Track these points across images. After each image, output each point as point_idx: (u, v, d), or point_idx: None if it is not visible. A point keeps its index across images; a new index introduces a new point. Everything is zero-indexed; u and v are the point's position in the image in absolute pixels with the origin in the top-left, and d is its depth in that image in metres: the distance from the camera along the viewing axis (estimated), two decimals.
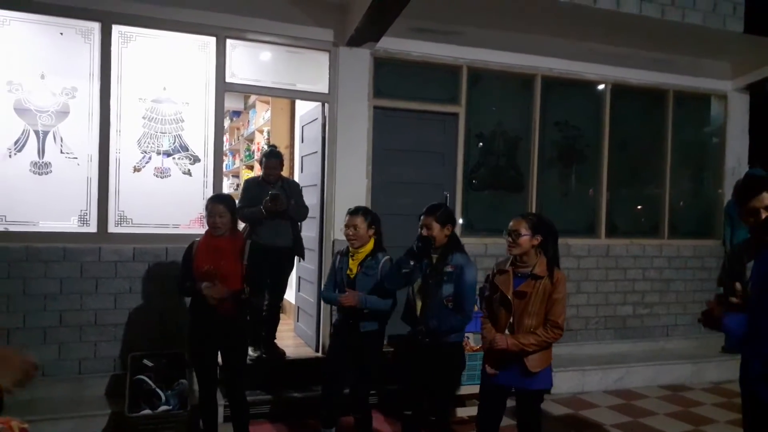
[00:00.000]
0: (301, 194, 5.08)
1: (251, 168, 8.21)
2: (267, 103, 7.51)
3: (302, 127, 6.04)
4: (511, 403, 3.28)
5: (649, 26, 5.39)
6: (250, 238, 3.89)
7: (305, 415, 4.38)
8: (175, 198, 4.65)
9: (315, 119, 5.41)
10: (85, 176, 4.42)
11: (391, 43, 5.12)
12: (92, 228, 4.43)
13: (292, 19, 4.83)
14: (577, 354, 5.79)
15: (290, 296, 6.28)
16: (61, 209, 4.38)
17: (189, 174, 4.70)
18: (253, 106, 8.19)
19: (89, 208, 4.43)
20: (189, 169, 4.70)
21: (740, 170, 6.39)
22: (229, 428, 3.88)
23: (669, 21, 5.33)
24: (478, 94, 5.62)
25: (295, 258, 5.15)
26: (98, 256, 4.38)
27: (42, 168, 4.33)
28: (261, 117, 7.78)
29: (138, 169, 4.57)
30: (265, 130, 7.54)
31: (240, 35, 4.76)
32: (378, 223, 3.62)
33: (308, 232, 5.53)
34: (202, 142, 4.73)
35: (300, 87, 5.04)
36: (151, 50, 4.58)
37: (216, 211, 3.51)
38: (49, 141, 4.34)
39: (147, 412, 3.85)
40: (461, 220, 5.52)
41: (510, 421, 3.36)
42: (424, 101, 5.41)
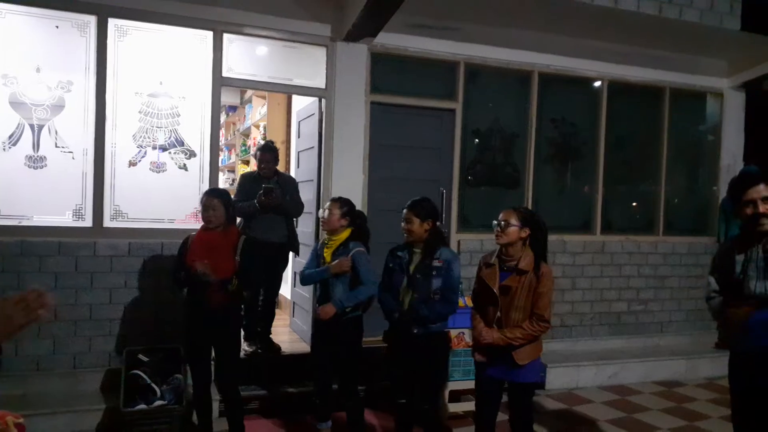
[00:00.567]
0: (296, 189, 5.06)
1: (247, 163, 8.20)
2: (263, 98, 7.49)
3: (299, 123, 6.03)
4: (505, 398, 3.30)
5: (647, 23, 5.39)
6: (245, 233, 3.88)
7: (300, 410, 4.38)
8: (171, 193, 4.63)
9: (312, 114, 5.40)
10: (81, 170, 4.41)
11: (389, 39, 5.11)
12: (87, 222, 4.42)
13: (290, 14, 4.81)
14: (572, 350, 5.82)
15: (286, 292, 6.28)
16: (56, 203, 4.36)
17: (185, 169, 4.69)
18: (250, 101, 8.17)
19: (84, 203, 4.42)
20: (185, 164, 4.69)
21: (735, 168, 6.41)
22: (224, 423, 3.88)
23: (666, 18, 5.34)
24: (476, 90, 5.62)
25: (290, 254, 5.15)
26: (93, 250, 4.37)
27: (37, 162, 4.31)
28: (257, 112, 7.76)
29: (134, 164, 4.55)
30: (262, 125, 7.53)
31: (237, 29, 4.74)
32: (355, 216, 3.66)
33: (304, 228, 5.53)
34: (198, 137, 4.72)
35: (297, 82, 5.03)
36: (147, 44, 4.55)
37: (210, 205, 3.55)
38: (44, 135, 4.32)
39: (142, 406, 3.84)
40: (456, 215, 5.53)
41: (505, 416, 3.37)
42: (421, 97, 5.40)
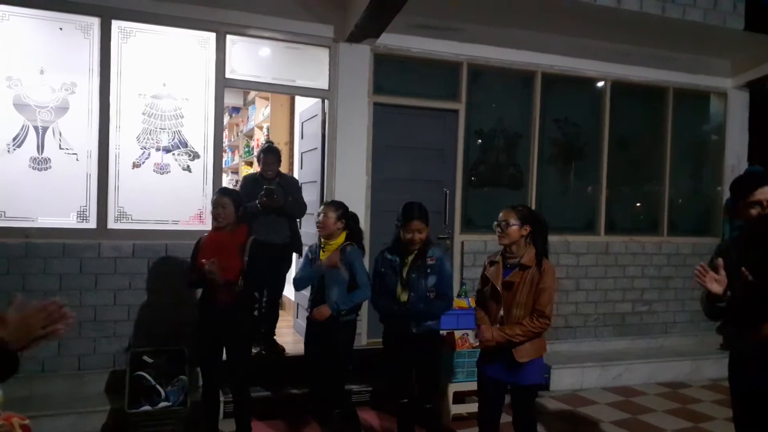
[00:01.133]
0: (299, 191, 5.06)
1: (250, 164, 8.21)
2: (266, 99, 7.49)
3: (302, 124, 6.03)
4: (508, 400, 3.29)
5: (650, 23, 5.38)
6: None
7: (304, 412, 4.38)
8: (175, 194, 4.64)
9: (315, 115, 5.40)
10: (85, 172, 4.42)
11: (392, 40, 5.11)
12: (92, 224, 4.42)
13: (293, 15, 4.82)
14: (576, 351, 5.80)
15: (289, 293, 6.28)
16: (60, 205, 4.37)
17: (188, 170, 4.69)
18: (253, 103, 8.18)
19: (89, 204, 4.43)
20: (188, 165, 4.69)
21: (740, 168, 6.39)
22: (229, 424, 3.89)
23: (669, 18, 5.33)
24: (479, 91, 5.61)
25: (293, 255, 5.15)
26: (98, 252, 4.37)
27: (41, 164, 4.32)
28: (260, 113, 7.77)
29: (137, 165, 4.56)
30: (265, 127, 7.54)
31: (240, 31, 4.75)
32: (349, 219, 3.68)
33: (308, 229, 5.53)
34: (202, 138, 4.73)
35: (300, 83, 5.04)
36: (150, 46, 4.56)
37: (220, 203, 3.65)
38: (49, 137, 4.33)
39: (147, 408, 3.85)
40: (459, 216, 5.52)
41: (508, 418, 3.36)
42: (424, 98, 5.40)
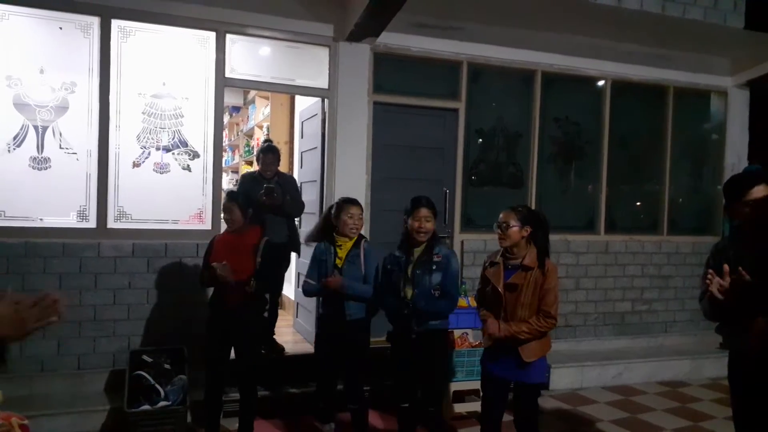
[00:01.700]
0: (297, 189, 5.06)
1: (250, 164, 8.20)
2: (266, 98, 7.49)
3: (302, 123, 6.03)
4: (509, 398, 3.29)
5: (650, 22, 5.37)
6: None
7: (304, 411, 4.38)
8: (175, 193, 4.64)
9: (314, 115, 5.40)
10: (85, 171, 4.41)
11: (391, 39, 5.11)
12: (91, 223, 4.42)
13: (292, 14, 4.81)
14: (576, 350, 5.80)
15: (289, 292, 6.28)
16: (60, 204, 4.37)
17: (188, 169, 4.69)
18: (253, 102, 8.18)
19: (88, 204, 4.43)
20: (188, 165, 4.69)
21: (740, 166, 6.39)
22: (229, 423, 3.89)
23: (670, 17, 5.31)
24: (479, 90, 5.61)
25: (292, 254, 5.15)
26: (97, 251, 4.37)
27: (41, 163, 4.32)
28: (260, 112, 7.77)
29: (137, 165, 4.55)
30: (265, 126, 7.54)
31: (240, 30, 4.74)
32: None
33: (308, 228, 5.52)
34: (202, 138, 4.72)
35: (300, 82, 5.03)
36: (150, 45, 4.56)
37: (226, 208, 3.75)
38: (49, 136, 4.33)
39: (146, 407, 3.85)
40: (459, 215, 5.51)
41: (510, 417, 3.36)
42: (424, 97, 5.39)
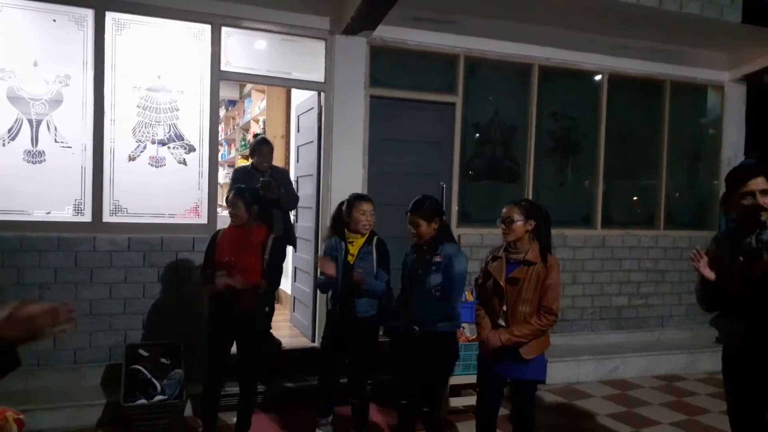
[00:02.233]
0: (290, 182, 5.06)
1: (247, 158, 8.17)
2: (263, 92, 7.47)
3: (298, 117, 6.01)
4: (506, 393, 3.29)
5: (647, 15, 5.35)
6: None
7: (300, 405, 4.38)
8: (170, 187, 4.62)
9: (311, 108, 5.38)
10: (80, 165, 4.39)
11: (388, 32, 5.08)
12: (87, 217, 4.40)
13: (288, 7, 4.78)
14: (572, 344, 5.81)
15: (286, 287, 6.27)
16: (55, 198, 4.34)
17: (184, 163, 4.67)
18: (249, 95, 8.15)
19: (84, 198, 4.40)
20: (184, 159, 4.67)
21: (736, 161, 6.38)
22: (225, 417, 3.89)
23: (666, 10, 5.30)
24: (475, 84, 5.59)
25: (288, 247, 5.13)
26: (93, 245, 4.36)
27: (36, 157, 4.29)
28: (257, 106, 7.74)
29: (133, 158, 4.53)
30: (261, 120, 7.51)
31: (235, 23, 4.71)
32: None
33: (304, 222, 5.52)
34: (197, 131, 4.70)
35: (296, 76, 5.01)
36: (145, 38, 4.53)
37: (231, 203, 3.65)
38: (43, 129, 4.30)
39: (142, 401, 3.84)
40: (456, 209, 5.51)
41: (506, 411, 3.37)
42: (421, 91, 5.38)
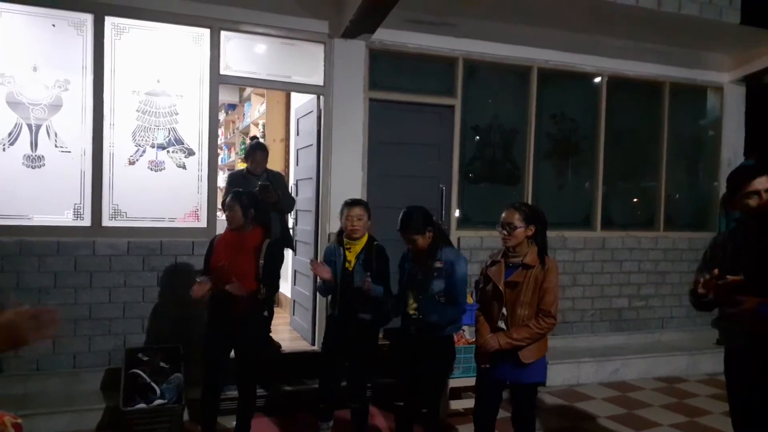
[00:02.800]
0: (286, 185, 5.08)
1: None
2: (262, 95, 7.47)
3: (297, 120, 6.01)
4: (506, 395, 3.28)
5: (646, 17, 5.36)
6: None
7: (300, 409, 4.37)
8: (170, 191, 4.62)
9: (310, 112, 5.39)
10: (79, 169, 4.39)
11: (387, 35, 5.09)
12: (86, 222, 4.40)
13: (287, 11, 4.79)
14: (573, 346, 5.80)
15: (286, 290, 6.27)
16: (54, 203, 4.35)
17: (184, 167, 4.67)
18: (249, 99, 8.15)
19: (83, 202, 4.41)
20: (184, 163, 4.67)
21: (736, 162, 6.38)
22: (224, 421, 3.88)
23: (665, 12, 5.31)
24: (475, 87, 5.60)
25: (285, 250, 5.14)
26: (92, 249, 4.36)
27: (35, 161, 4.29)
28: (256, 110, 7.75)
29: (132, 163, 4.53)
30: (261, 123, 7.51)
31: (234, 27, 4.72)
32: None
33: (304, 226, 5.52)
34: (197, 135, 4.70)
35: (295, 79, 5.01)
36: (144, 42, 4.53)
37: (228, 206, 3.66)
38: (42, 134, 4.30)
39: (142, 406, 3.84)
40: (457, 213, 5.51)
41: (504, 413, 3.36)
42: (420, 93, 5.38)
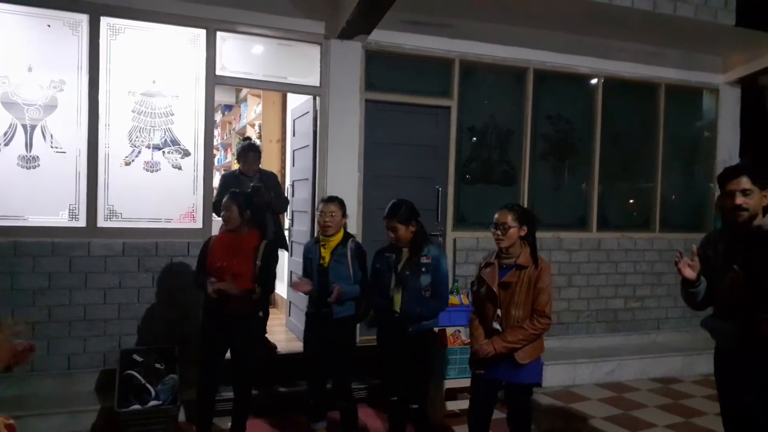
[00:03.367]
0: (279, 185, 5.08)
1: None
2: (258, 96, 7.47)
3: (293, 121, 6.01)
4: (501, 396, 3.28)
5: (641, 19, 5.37)
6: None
7: (296, 410, 4.37)
8: (165, 192, 4.61)
9: (306, 113, 5.39)
10: (74, 170, 4.38)
11: (383, 36, 5.09)
12: (81, 222, 4.39)
13: (283, 11, 4.79)
14: (569, 347, 5.81)
15: (282, 291, 6.27)
16: (50, 204, 4.34)
17: (179, 168, 4.66)
18: (245, 100, 8.15)
19: (78, 203, 4.40)
20: (179, 163, 4.66)
21: (731, 163, 6.36)
22: (221, 423, 3.87)
23: (661, 14, 5.32)
24: (471, 88, 5.60)
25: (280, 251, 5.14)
26: (87, 250, 4.35)
27: (30, 162, 4.28)
28: (252, 111, 7.74)
29: (128, 163, 4.53)
30: (257, 124, 7.51)
31: (230, 27, 4.72)
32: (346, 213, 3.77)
33: (300, 226, 5.52)
34: (193, 136, 4.70)
35: (291, 80, 5.01)
36: (140, 43, 4.53)
37: (225, 206, 3.68)
38: (37, 135, 4.29)
39: (137, 407, 3.82)
40: (452, 213, 5.51)
41: (500, 414, 3.36)
42: (416, 94, 5.38)
